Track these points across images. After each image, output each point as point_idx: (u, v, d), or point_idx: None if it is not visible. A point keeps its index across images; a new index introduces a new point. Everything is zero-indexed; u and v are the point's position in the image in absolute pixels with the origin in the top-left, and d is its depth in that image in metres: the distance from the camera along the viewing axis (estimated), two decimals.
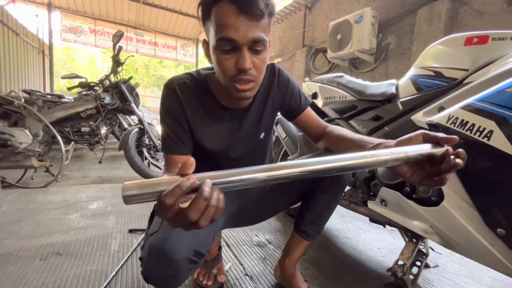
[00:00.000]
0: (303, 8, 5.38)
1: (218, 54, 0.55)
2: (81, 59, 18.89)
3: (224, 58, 0.55)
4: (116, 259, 1.06)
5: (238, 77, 0.55)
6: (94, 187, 2.10)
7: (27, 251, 1.10)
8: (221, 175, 0.35)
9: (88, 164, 3.17)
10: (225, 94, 0.68)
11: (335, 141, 0.69)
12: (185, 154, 0.68)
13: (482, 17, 2.92)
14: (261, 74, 0.59)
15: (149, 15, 7.64)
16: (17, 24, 5.64)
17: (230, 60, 0.55)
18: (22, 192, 1.89)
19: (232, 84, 0.57)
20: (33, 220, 1.41)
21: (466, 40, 0.83)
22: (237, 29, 0.51)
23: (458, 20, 3.11)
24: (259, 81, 0.60)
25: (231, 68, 0.55)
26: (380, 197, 0.94)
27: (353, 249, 1.24)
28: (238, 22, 0.51)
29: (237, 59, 0.54)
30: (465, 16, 3.05)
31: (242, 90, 0.57)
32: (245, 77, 0.55)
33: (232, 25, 0.51)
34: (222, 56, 0.55)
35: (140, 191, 0.31)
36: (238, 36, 0.52)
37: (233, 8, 0.51)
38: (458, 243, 0.73)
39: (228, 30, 0.51)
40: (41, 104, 2.53)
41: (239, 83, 0.56)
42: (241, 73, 0.55)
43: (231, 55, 0.54)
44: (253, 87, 0.58)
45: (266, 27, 0.56)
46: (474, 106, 0.68)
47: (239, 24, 0.51)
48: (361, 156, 0.38)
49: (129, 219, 1.47)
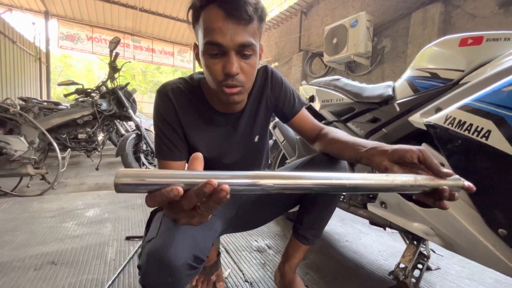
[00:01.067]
0: (299, 13, 5.45)
1: (206, 58, 0.55)
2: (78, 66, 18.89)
3: (212, 63, 0.55)
4: (113, 268, 1.03)
5: (225, 82, 0.55)
6: (91, 194, 2.07)
7: (21, 261, 1.07)
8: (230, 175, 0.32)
9: (85, 171, 3.14)
10: (218, 98, 0.67)
11: (329, 143, 0.68)
12: (179, 160, 0.67)
13: (474, 20, 2.96)
14: (249, 80, 0.58)
15: (146, 21, 7.69)
16: (14, 32, 5.65)
17: (217, 65, 0.54)
18: (17, 200, 1.86)
19: (220, 89, 0.57)
20: (28, 229, 1.39)
21: (461, 41, 0.83)
22: (224, 34, 0.51)
23: (451, 23, 3.15)
24: (247, 86, 0.59)
25: (219, 73, 0.55)
26: (380, 199, 0.93)
27: (353, 252, 1.23)
28: (225, 27, 0.51)
29: (224, 63, 0.54)
30: (458, 19, 3.10)
31: (229, 94, 0.56)
32: (232, 82, 0.55)
33: (219, 29, 0.51)
34: (210, 60, 0.55)
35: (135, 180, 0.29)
36: (225, 40, 0.51)
37: (220, 12, 0.50)
38: (459, 245, 0.72)
39: (215, 34, 0.51)
40: (37, 111, 2.51)
41: (227, 88, 0.56)
42: (228, 78, 0.54)
43: (218, 59, 0.54)
44: (241, 91, 0.58)
45: (256, 32, 0.55)
46: (471, 106, 0.68)
47: (226, 29, 0.51)
48: (386, 179, 0.36)
49: (126, 226, 1.44)
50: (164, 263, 0.51)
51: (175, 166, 0.66)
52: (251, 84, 0.61)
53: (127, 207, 1.74)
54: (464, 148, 0.69)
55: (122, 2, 6.74)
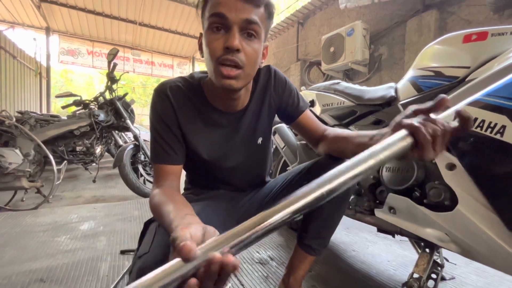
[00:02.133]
0: (296, 24, 5.54)
1: (209, 34, 0.53)
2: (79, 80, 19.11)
3: (213, 38, 0.52)
4: (105, 284, 0.97)
5: (224, 57, 0.52)
6: (86, 207, 2.01)
7: (7, 278, 1.00)
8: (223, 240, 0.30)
9: (82, 184, 3.08)
10: (218, 96, 0.64)
11: (333, 142, 0.66)
12: (176, 164, 0.63)
13: (470, 26, 2.99)
14: (250, 63, 0.55)
15: (146, 35, 7.82)
16: (15, 47, 5.72)
17: (219, 40, 0.52)
18: (10, 215, 1.79)
19: (217, 69, 0.53)
20: (18, 244, 1.32)
21: (464, 37, 0.81)
22: (230, 7, 0.50)
23: (447, 29, 3.19)
24: (246, 71, 0.55)
25: (219, 48, 0.52)
26: (388, 204, 0.88)
27: (361, 263, 1.16)
28: (232, 2, 0.50)
29: (226, 38, 0.51)
30: (454, 25, 3.13)
31: (226, 76, 0.52)
32: (232, 57, 0.51)
33: (226, 3, 0.50)
34: (212, 35, 0.52)
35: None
36: (230, 13, 0.50)
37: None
38: (478, 251, 0.67)
39: (221, 6, 0.51)
40: (33, 123, 2.48)
41: (224, 67, 0.52)
42: (228, 52, 0.51)
43: (221, 34, 0.52)
44: (239, 76, 0.54)
45: (263, 19, 0.54)
46: (482, 102, 0.64)
47: (233, 3, 0.50)
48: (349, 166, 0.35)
49: (121, 240, 1.38)
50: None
51: (171, 170, 0.61)
52: (251, 71, 0.57)
53: (124, 220, 1.68)
54: (477, 146, 0.65)
55: (122, 17, 6.87)
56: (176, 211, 0.44)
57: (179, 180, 0.63)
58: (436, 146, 0.38)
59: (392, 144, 0.37)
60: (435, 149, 0.38)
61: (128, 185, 2.26)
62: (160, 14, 6.86)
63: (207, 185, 0.76)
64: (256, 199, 0.78)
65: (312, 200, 0.32)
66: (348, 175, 0.34)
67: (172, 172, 0.61)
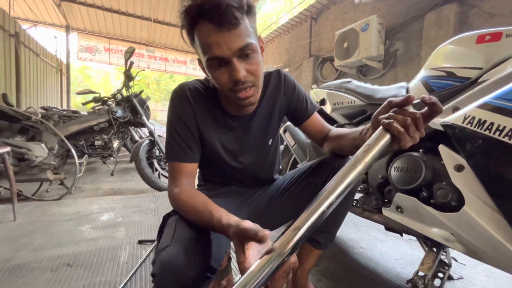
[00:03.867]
0: (309, 19, 5.47)
1: (212, 72, 0.56)
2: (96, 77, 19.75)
3: (218, 74, 0.56)
4: (125, 271, 1.04)
5: (237, 88, 0.56)
6: (106, 199, 2.12)
7: (38, 262, 1.10)
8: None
9: (100, 177, 3.23)
10: (231, 101, 0.67)
11: (334, 141, 0.71)
12: (192, 162, 0.66)
13: (492, 19, 2.86)
14: (259, 77, 0.59)
15: (160, 32, 7.97)
16: (38, 45, 6.00)
17: (224, 75, 0.55)
18: (37, 204, 1.93)
19: (233, 95, 0.58)
20: (46, 231, 1.43)
21: (478, 38, 0.80)
22: (220, 45, 0.52)
23: (468, 23, 3.06)
24: (258, 84, 0.60)
25: (227, 82, 0.56)
26: (395, 204, 0.90)
27: (369, 260, 1.18)
28: (219, 38, 0.51)
29: (230, 72, 0.54)
30: (475, 19, 3.00)
31: (244, 98, 0.57)
32: (243, 86, 0.56)
33: (215, 43, 0.52)
34: (215, 73, 0.56)
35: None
36: (223, 51, 0.52)
37: (210, 26, 0.51)
38: (484, 252, 0.68)
39: (213, 49, 0.52)
40: (57, 119, 2.63)
41: (240, 93, 0.57)
42: (238, 84, 0.55)
43: (223, 69, 0.55)
44: (254, 92, 0.59)
45: (248, 30, 0.54)
46: (492, 105, 0.65)
47: (222, 40, 0.51)
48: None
49: (139, 230, 1.46)
50: (179, 273, 0.50)
51: (188, 168, 0.65)
52: (261, 80, 0.61)
53: (140, 212, 1.77)
54: (485, 148, 0.66)
55: (137, 14, 7.03)
56: (218, 211, 0.52)
57: (195, 179, 0.68)
58: (411, 133, 0.43)
59: (373, 144, 0.42)
60: (412, 136, 0.43)
61: (144, 179, 2.37)
62: (174, 10, 6.95)
63: (220, 181, 0.81)
64: (266, 195, 0.82)
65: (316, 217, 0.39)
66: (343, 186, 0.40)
67: (189, 171, 0.65)
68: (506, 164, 0.62)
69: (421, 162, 0.83)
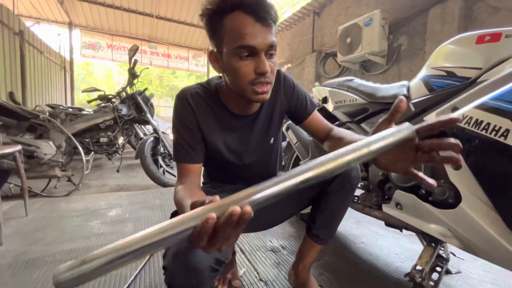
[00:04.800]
0: (312, 14, 5.42)
1: (236, 62, 0.58)
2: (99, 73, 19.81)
3: (242, 65, 0.58)
4: (134, 265, 1.09)
5: (258, 81, 0.59)
6: (113, 195, 2.18)
7: (52, 256, 1.15)
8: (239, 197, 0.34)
9: (106, 173, 3.29)
10: (234, 101, 0.70)
11: (336, 143, 0.71)
12: (196, 163, 0.70)
13: (498, 13, 2.82)
14: (274, 77, 0.63)
15: (162, 28, 7.95)
16: (42, 43, 6.03)
17: (249, 66, 0.58)
18: (47, 200, 1.99)
19: (251, 88, 0.60)
20: (57, 227, 1.49)
21: (478, 38, 0.81)
22: (256, 37, 0.55)
23: (472, 18, 3.02)
24: (273, 83, 0.63)
25: (249, 73, 0.58)
26: (395, 200, 0.92)
27: (369, 254, 1.21)
28: (256, 30, 0.55)
29: (256, 64, 0.57)
30: (480, 13, 2.96)
31: (261, 92, 0.60)
32: (264, 79, 0.59)
33: (251, 33, 0.55)
34: (240, 62, 0.58)
35: (78, 272, 0.26)
36: (257, 42, 0.56)
37: (250, 17, 0.55)
38: (479, 247, 0.71)
39: (248, 38, 0.55)
40: (63, 117, 2.68)
41: (258, 86, 0.59)
42: (261, 76, 0.58)
43: (249, 61, 0.58)
44: (269, 90, 0.62)
45: (275, 33, 0.60)
46: (488, 105, 0.67)
47: (257, 32, 0.55)
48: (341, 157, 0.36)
49: (146, 226, 1.51)
50: (189, 266, 0.53)
51: (192, 168, 0.69)
52: (274, 80, 0.65)
53: (147, 208, 1.82)
54: (482, 148, 0.68)
55: (140, 10, 7.01)
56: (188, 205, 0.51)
57: (200, 177, 0.71)
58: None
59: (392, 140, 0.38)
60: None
61: (149, 175, 2.41)
62: (175, 6, 6.94)
63: (224, 179, 0.84)
64: None
65: (314, 175, 0.35)
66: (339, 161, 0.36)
67: (193, 170, 0.69)
68: (502, 163, 0.64)
69: None
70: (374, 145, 0.37)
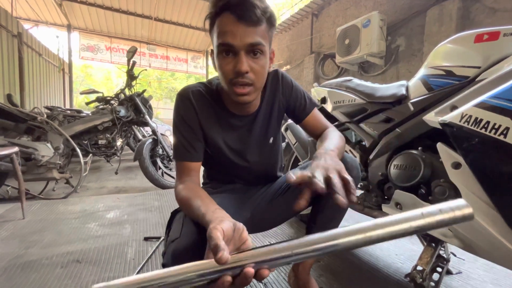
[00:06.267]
0: (310, 16, 5.45)
1: (220, 59, 0.59)
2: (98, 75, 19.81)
3: (224, 63, 0.59)
4: (132, 266, 1.08)
5: (235, 80, 0.59)
6: (111, 197, 2.16)
7: (49, 259, 1.14)
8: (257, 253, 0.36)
9: (105, 175, 3.28)
10: (232, 101, 0.70)
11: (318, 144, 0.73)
12: (195, 161, 0.69)
13: (495, 14, 2.84)
14: (259, 79, 0.62)
15: (161, 30, 7.98)
16: (40, 45, 6.03)
17: (229, 65, 0.59)
18: (45, 203, 1.97)
19: (231, 89, 0.60)
20: (54, 229, 1.47)
21: (476, 37, 0.81)
22: (234, 35, 0.56)
23: (470, 19, 3.04)
24: (257, 86, 0.62)
25: (230, 72, 0.59)
26: (395, 200, 0.92)
27: (369, 255, 1.20)
28: (236, 29, 0.56)
29: (235, 63, 0.58)
30: (477, 14, 2.98)
31: (240, 94, 0.60)
32: (242, 79, 0.58)
33: (231, 31, 0.56)
34: (222, 60, 0.59)
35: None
36: (235, 41, 0.56)
37: (232, 17, 0.56)
38: (480, 246, 0.70)
39: (227, 36, 0.56)
40: (61, 119, 2.66)
41: (237, 87, 0.59)
42: (239, 76, 0.58)
43: (230, 59, 0.58)
44: (251, 91, 0.61)
45: (265, 34, 0.59)
46: (488, 104, 0.66)
47: (236, 30, 0.56)
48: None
49: (144, 228, 1.50)
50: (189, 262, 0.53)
51: (192, 166, 0.68)
52: (261, 84, 0.64)
53: (145, 210, 1.81)
54: (481, 146, 0.67)
55: (138, 12, 7.03)
56: (206, 206, 0.52)
57: (199, 176, 0.71)
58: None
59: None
60: None
61: (147, 177, 2.40)
62: (174, 8, 6.96)
63: (224, 179, 0.84)
64: (269, 193, 0.84)
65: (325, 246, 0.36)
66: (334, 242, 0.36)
67: (193, 169, 0.69)
68: (501, 161, 0.64)
69: (420, 160, 0.85)
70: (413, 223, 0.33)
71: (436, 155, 0.83)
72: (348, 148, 1.21)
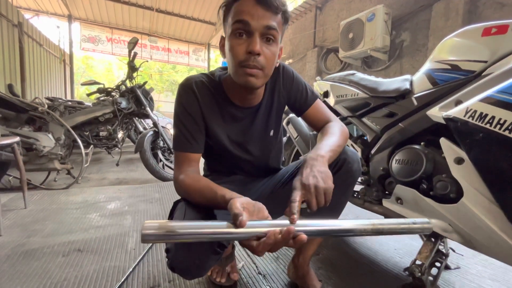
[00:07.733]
0: (314, 9, 5.36)
1: (232, 39, 0.59)
2: (99, 67, 19.69)
3: (236, 43, 0.58)
4: (133, 256, 1.09)
5: (246, 63, 0.58)
6: (112, 188, 2.17)
7: (50, 248, 1.15)
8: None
9: (106, 167, 3.29)
10: (236, 92, 0.69)
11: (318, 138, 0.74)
12: (196, 152, 0.69)
13: (503, 9, 2.79)
14: (269, 65, 0.61)
15: (163, 22, 7.88)
16: (41, 35, 5.98)
17: (242, 45, 0.58)
18: (46, 193, 1.99)
19: (241, 70, 0.60)
20: (56, 219, 1.49)
21: (484, 30, 0.80)
22: (252, 15, 0.56)
23: (477, 14, 2.99)
24: (266, 71, 0.61)
25: (241, 53, 0.58)
26: (396, 195, 0.92)
27: (368, 249, 1.21)
28: (254, 10, 0.57)
29: (248, 43, 0.58)
30: (485, 8, 2.93)
31: (249, 74, 0.59)
32: (253, 62, 0.58)
33: (249, 11, 0.57)
34: (235, 40, 0.59)
35: (162, 232, 0.40)
36: (252, 20, 0.56)
37: (252, 1, 0.57)
38: (480, 242, 0.70)
39: (244, 14, 0.57)
40: (62, 109, 2.66)
41: (247, 68, 0.59)
42: (250, 57, 0.58)
43: (243, 40, 0.58)
44: (259, 75, 0.60)
45: (280, 24, 0.60)
46: (494, 98, 0.65)
47: (255, 11, 0.57)
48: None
49: (145, 218, 1.51)
50: (192, 248, 0.54)
51: (193, 157, 0.68)
52: (269, 71, 0.63)
53: (146, 201, 1.82)
54: (485, 141, 0.67)
55: (140, 3, 6.94)
56: (219, 188, 0.56)
57: (199, 167, 0.70)
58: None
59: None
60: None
61: (148, 169, 2.41)
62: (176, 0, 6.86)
63: (225, 171, 0.83)
64: (270, 184, 0.84)
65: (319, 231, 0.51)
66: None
67: (194, 159, 0.68)
68: (506, 157, 0.63)
69: (422, 155, 0.84)
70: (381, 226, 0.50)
71: (438, 150, 0.82)
72: (349, 143, 1.20)
